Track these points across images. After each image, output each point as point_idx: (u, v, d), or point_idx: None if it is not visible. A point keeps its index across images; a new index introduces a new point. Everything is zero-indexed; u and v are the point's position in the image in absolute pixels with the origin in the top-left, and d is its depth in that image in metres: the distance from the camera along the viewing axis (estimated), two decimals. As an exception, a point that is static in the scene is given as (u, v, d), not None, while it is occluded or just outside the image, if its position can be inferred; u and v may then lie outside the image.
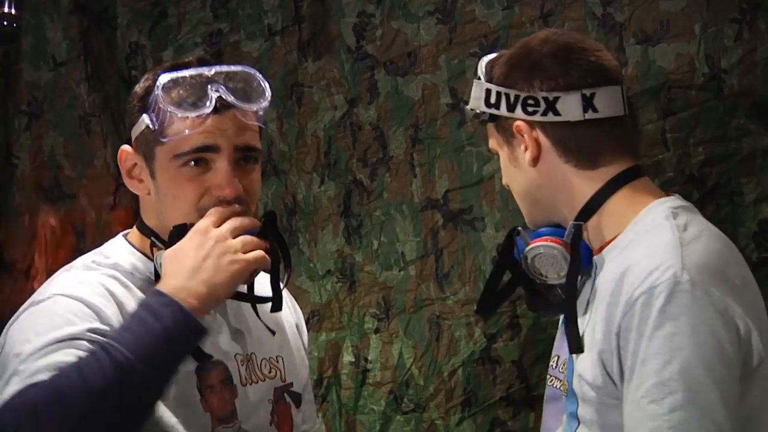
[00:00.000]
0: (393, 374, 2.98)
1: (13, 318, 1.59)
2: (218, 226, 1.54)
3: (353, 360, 3.02)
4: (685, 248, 1.55)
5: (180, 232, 1.56)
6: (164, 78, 1.58)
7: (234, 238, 1.53)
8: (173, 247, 1.54)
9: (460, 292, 2.89)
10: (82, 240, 3.23)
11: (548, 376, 1.82)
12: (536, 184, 1.71)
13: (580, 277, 1.68)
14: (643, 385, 1.47)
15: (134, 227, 1.73)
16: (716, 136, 2.78)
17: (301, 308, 2.97)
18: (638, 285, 1.51)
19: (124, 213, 3.23)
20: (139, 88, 1.67)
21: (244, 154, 1.63)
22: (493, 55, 1.84)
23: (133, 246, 1.68)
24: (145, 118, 1.60)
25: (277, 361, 1.77)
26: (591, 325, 1.62)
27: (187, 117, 1.57)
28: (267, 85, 1.66)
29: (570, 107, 1.64)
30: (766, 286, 2.70)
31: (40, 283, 3.16)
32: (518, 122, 1.69)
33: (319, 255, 3.06)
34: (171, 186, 1.60)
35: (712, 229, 1.72)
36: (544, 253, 1.67)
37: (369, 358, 3.01)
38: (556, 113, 1.64)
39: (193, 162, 1.59)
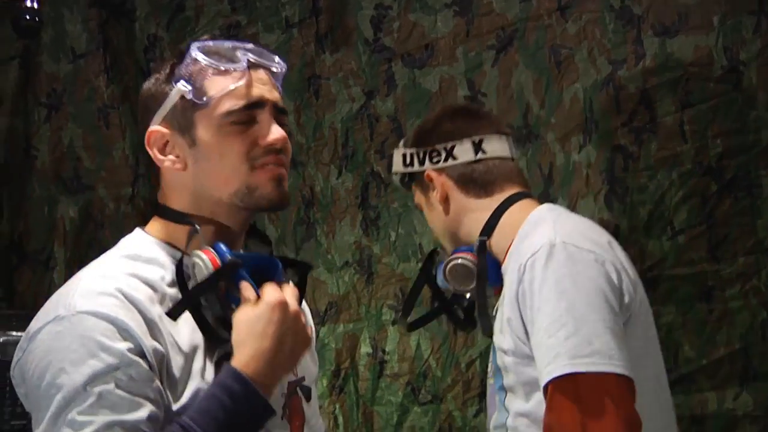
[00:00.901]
0: (410, 366, 2.99)
1: (32, 331, 1.52)
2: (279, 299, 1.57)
3: (371, 351, 3.04)
4: (557, 225, 1.88)
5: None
6: (195, 44, 1.58)
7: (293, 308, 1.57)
8: (247, 313, 1.56)
9: (477, 284, 2.89)
10: (101, 231, 3.25)
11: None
12: (450, 219, 2.06)
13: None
14: (542, 327, 1.76)
15: (153, 219, 1.65)
16: (734, 128, 2.78)
17: (318, 299, 3.00)
18: (524, 258, 1.83)
19: (142, 204, 3.24)
20: (159, 73, 1.62)
21: (278, 115, 1.65)
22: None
23: (155, 237, 1.63)
24: (179, 87, 1.57)
25: None
26: (500, 309, 1.93)
27: (227, 71, 1.57)
28: (281, 60, 1.70)
29: (463, 152, 2.04)
30: (785, 278, 2.74)
31: (60, 274, 3.26)
32: (428, 172, 2.06)
33: (337, 246, 3.07)
34: (217, 145, 1.57)
35: (582, 217, 2.07)
36: (459, 264, 2.01)
37: (386, 349, 3.02)
38: (454, 158, 2.04)
39: (242, 117, 1.59)
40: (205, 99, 1.57)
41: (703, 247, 2.79)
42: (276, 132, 1.60)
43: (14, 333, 2.79)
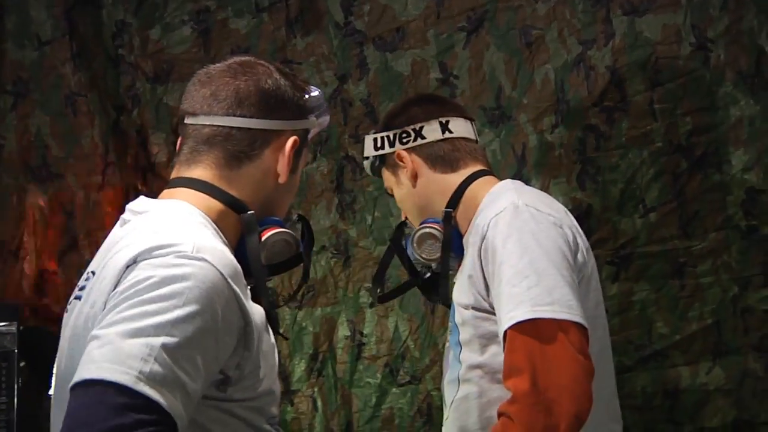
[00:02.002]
0: (389, 347, 3.01)
1: (141, 253, 1.42)
2: None
3: (348, 334, 3.05)
4: (519, 192, 2.02)
5: (307, 223, 1.76)
6: (322, 99, 1.73)
7: None
8: None
9: (453, 265, 2.92)
10: (71, 220, 3.22)
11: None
12: (419, 194, 2.18)
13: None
14: (504, 278, 1.87)
15: (200, 197, 1.61)
16: (704, 105, 2.82)
17: (295, 283, 3.01)
18: (487, 218, 1.97)
19: (112, 192, 3.22)
20: (298, 89, 1.70)
21: None
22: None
23: (206, 214, 1.60)
24: (313, 121, 1.70)
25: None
26: (461, 271, 2.08)
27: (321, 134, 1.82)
28: None
29: (431, 132, 2.18)
30: (754, 252, 2.79)
31: (30, 264, 3.24)
32: (398, 151, 2.18)
33: (314, 230, 3.05)
34: (296, 184, 1.73)
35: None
36: (427, 233, 2.12)
37: (364, 332, 3.03)
38: (423, 138, 2.17)
39: None
40: (308, 144, 1.73)
41: (674, 224, 2.83)
42: None
43: (-13, 320, 2.79)
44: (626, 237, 2.85)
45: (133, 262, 1.41)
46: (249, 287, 1.56)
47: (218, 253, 1.45)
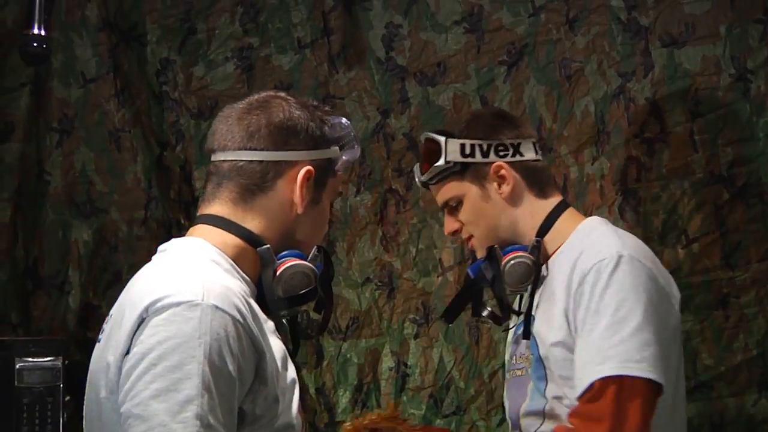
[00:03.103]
0: (433, 378, 3.02)
1: (149, 308, 1.47)
2: None
3: (393, 365, 3.07)
4: (621, 238, 2.04)
5: (327, 254, 1.74)
6: (348, 125, 1.74)
7: None
8: None
9: (496, 296, 2.93)
10: (114, 254, 3.25)
11: (509, 372, 2.21)
12: (507, 213, 2.12)
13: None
14: (597, 329, 1.91)
15: (216, 232, 1.65)
16: (744, 136, 2.83)
17: (340, 316, 3.03)
18: (590, 261, 1.97)
19: (155, 227, 3.25)
20: (316, 119, 1.70)
21: None
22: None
23: (221, 250, 1.63)
24: (336, 150, 1.70)
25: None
26: (546, 305, 2.06)
27: (355, 156, 1.75)
28: None
29: (528, 150, 2.13)
30: (794, 283, 2.79)
31: (75, 298, 3.27)
32: (497, 163, 2.10)
33: (358, 263, 3.10)
34: (323, 215, 1.73)
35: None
36: (520, 262, 2.07)
37: (408, 363, 3.05)
38: (521, 155, 2.11)
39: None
40: (338, 173, 1.73)
41: (717, 254, 2.84)
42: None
43: (30, 359, 2.80)
44: (669, 268, 2.81)
45: (142, 320, 1.46)
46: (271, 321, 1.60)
47: (224, 292, 1.48)
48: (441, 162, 2.12)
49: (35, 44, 2.79)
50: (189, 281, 1.49)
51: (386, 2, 3.11)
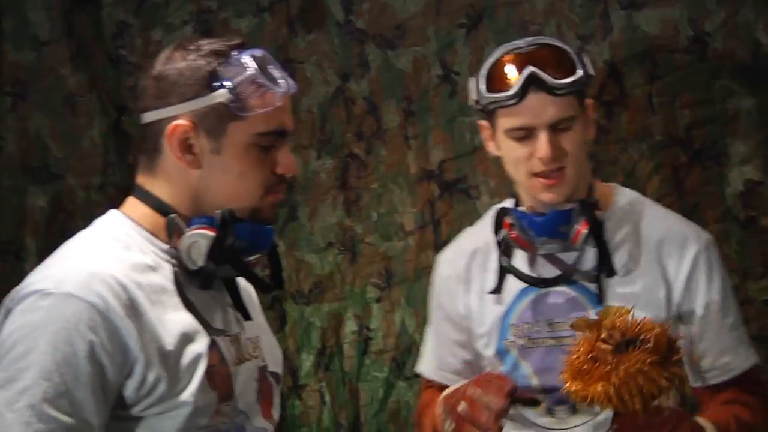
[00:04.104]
0: (395, 342, 3.04)
1: (15, 297, 1.50)
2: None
3: (355, 329, 3.08)
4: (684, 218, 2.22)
5: (233, 216, 1.58)
6: (248, 58, 1.58)
7: None
8: None
9: (459, 260, 2.95)
10: (71, 220, 3.22)
11: (532, 341, 2.09)
12: (586, 158, 2.09)
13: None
14: (730, 315, 2.08)
15: (135, 203, 1.63)
16: (702, 98, 2.85)
17: (302, 280, 3.02)
18: (697, 243, 2.08)
19: (113, 192, 3.23)
20: (187, 60, 1.59)
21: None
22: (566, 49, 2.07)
23: (138, 223, 1.60)
24: (223, 93, 1.56)
25: (258, 341, 1.75)
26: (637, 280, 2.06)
27: (273, 93, 1.58)
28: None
29: None
30: (753, 243, 2.83)
31: (31, 265, 3.19)
32: (588, 100, 2.07)
33: (320, 227, 3.10)
34: (241, 163, 1.59)
35: None
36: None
37: (371, 326, 3.06)
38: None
39: (270, 142, 1.61)
40: (245, 114, 1.58)
41: (675, 216, 2.87)
42: (293, 164, 1.65)
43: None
44: (628, 229, 2.89)
45: (9, 309, 1.49)
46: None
47: (85, 278, 1.46)
48: (580, 72, 1.98)
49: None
50: (53, 268, 1.51)
51: (345, -36, 3.09)
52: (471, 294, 2.15)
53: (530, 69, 1.96)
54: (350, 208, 3.08)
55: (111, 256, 1.53)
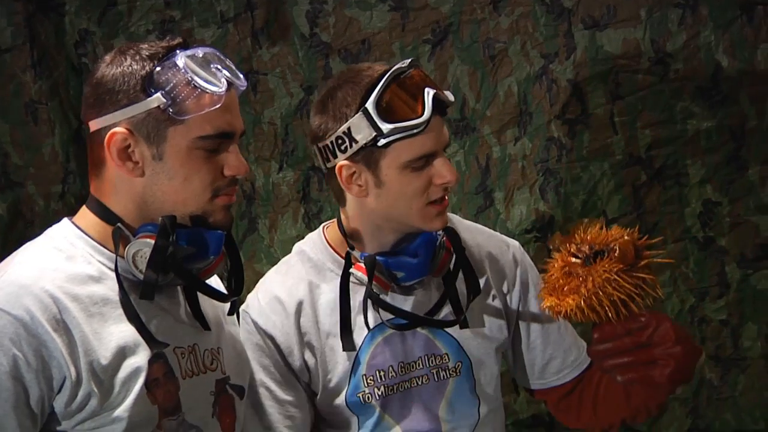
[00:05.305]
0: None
1: None
2: None
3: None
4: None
5: (173, 222, 1.55)
6: (182, 59, 1.54)
7: None
8: None
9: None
10: (30, 228, 3.17)
11: (389, 387, 1.95)
12: None
13: None
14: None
15: (86, 212, 1.63)
16: (662, 118, 2.88)
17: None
18: (506, 243, 2.11)
19: (73, 201, 3.19)
20: (124, 66, 1.56)
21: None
22: None
23: (86, 233, 1.60)
24: (158, 97, 1.53)
25: (218, 353, 1.73)
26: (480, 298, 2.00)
27: (212, 95, 1.55)
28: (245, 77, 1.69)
29: None
30: (710, 263, 2.85)
31: None
32: None
33: (280, 240, 3.08)
34: (184, 167, 1.56)
35: None
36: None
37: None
38: None
39: (214, 145, 1.58)
40: (183, 117, 1.55)
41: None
42: (241, 164, 1.62)
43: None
44: (587, 247, 2.89)
45: None
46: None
47: (14, 291, 1.45)
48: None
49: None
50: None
51: (311, -23, 3.08)
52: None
53: (431, 90, 1.79)
54: (311, 221, 3.06)
55: (49, 267, 1.51)
